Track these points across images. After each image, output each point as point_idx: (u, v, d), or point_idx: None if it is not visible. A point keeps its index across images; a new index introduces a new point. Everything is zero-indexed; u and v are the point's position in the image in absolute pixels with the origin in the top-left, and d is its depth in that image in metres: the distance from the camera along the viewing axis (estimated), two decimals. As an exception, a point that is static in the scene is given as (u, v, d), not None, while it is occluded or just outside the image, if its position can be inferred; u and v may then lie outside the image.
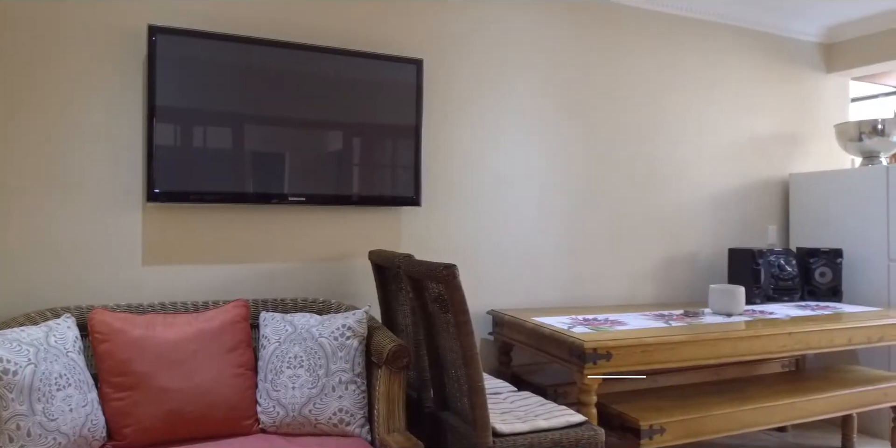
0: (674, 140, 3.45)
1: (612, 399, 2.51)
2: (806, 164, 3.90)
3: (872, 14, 3.70)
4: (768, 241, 3.72)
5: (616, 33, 3.29)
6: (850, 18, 3.79)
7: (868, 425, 3.18)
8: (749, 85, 3.71)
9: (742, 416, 2.45)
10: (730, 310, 2.77)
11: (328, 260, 2.62)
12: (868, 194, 3.25)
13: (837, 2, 3.51)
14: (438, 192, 2.84)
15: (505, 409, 2.16)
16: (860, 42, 3.91)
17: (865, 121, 3.46)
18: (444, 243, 2.84)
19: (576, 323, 2.52)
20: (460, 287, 1.88)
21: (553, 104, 3.13)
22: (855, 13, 3.70)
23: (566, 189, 3.16)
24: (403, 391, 2.04)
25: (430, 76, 2.81)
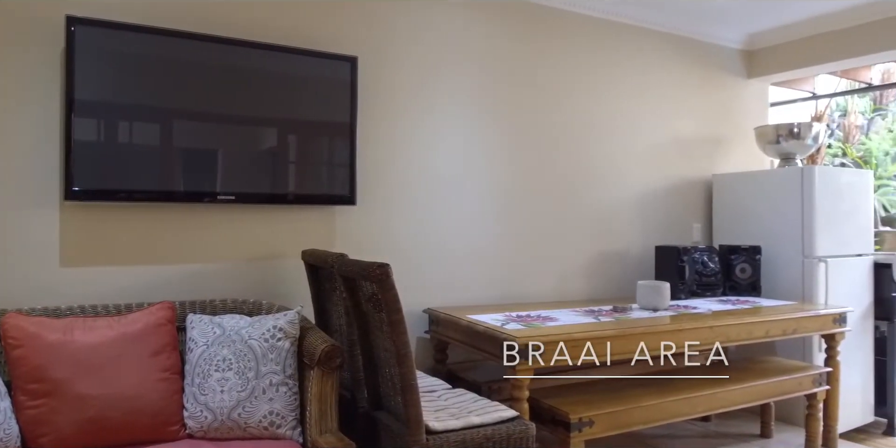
0: (604, 141, 3.55)
1: (545, 394, 2.56)
2: (728, 165, 4.08)
3: (790, 23, 3.91)
4: (693, 238, 3.88)
5: (549, 36, 3.36)
6: (770, 27, 3.99)
7: (785, 413, 3.36)
8: (675, 88, 3.86)
9: (667, 407, 2.55)
10: (656, 305, 2.87)
11: (260, 260, 2.57)
12: (785, 194, 3.43)
13: (757, 11, 3.69)
14: (374, 191, 2.83)
15: (439, 406, 2.18)
16: (779, 49, 4.12)
17: (783, 124, 3.65)
18: (379, 242, 2.83)
19: (509, 320, 2.56)
20: (393, 286, 1.88)
21: (488, 104, 3.16)
22: (773, 22, 3.90)
23: (501, 188, 3.20)
24: (336, 392, 2.02)
25: (365, 74, 2.80)
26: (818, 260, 3.28)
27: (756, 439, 3.21)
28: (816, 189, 3.29)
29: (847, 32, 3.75)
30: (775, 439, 3.19)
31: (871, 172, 3.74)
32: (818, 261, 3.28)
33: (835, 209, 3.37)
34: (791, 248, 3.38)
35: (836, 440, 3.10)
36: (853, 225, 3.48)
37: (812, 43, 3.93)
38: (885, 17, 3.55)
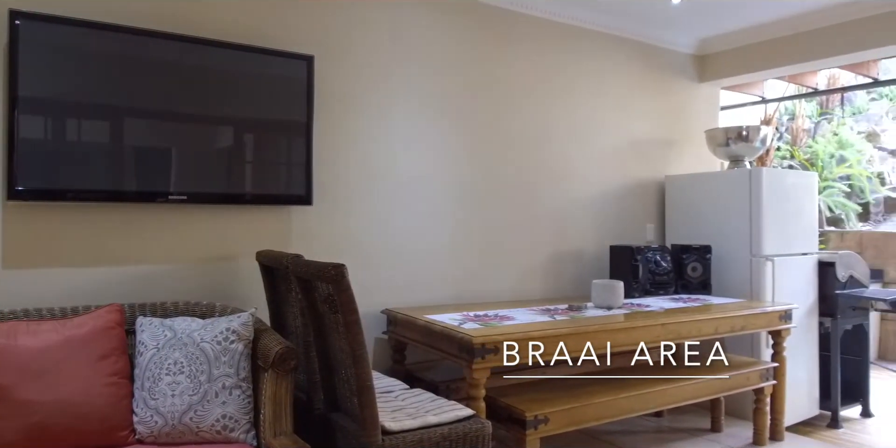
0: (560, 142, 3.60)
1: (502, 392, 2.59)
2: (680, 167, 4.19)
3: (739, 29, 4.03)
4: (647, 238, 3.96)
5: (507, 38, 3.39)
6: (720, 32, 4.11)
7: (734, 407, 3.46)
8: (629, 91, 3.94)
9: (621, 403, 2.60)
10: (610, 303, 2.92)
11: (214, 261, 2.53)
12: (734, 195, 3.54)
13: (707, 17, 3.79)
14: (331, 191, 2.81)
15: (396, 406, 2.18)
16: (729, 54, 4.24)
17: (732, 127, 3.77)
18: (336, 243, 2.82)
19: (467, 319, 2.58)
20: (349, 287, 1.88)
21: (447, 105, 3.18)
22: (723, 28, 4.01)
23: (459, 188, 3.22)
24: (291, 394, 2.01)
25: (322, 73, 2.78)
26: (765, 259, 3.39)
27: (707, 433, 3.30)
28: (764, 190, 3.41)
29: (794, 39, 3.89)
30: (725, 433, 3.29)
31: (815, 174, 3.88)
32: (765, 260, 3.39)
33: (781, 209, 3.49)
34: (740, 248, 3.49)
35: (782, 433, 3.22)
36: (799, 225, 3.60)
37: (760, 48, 4.06)
38: (830, 24, 3.70)
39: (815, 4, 3.58)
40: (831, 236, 5.63)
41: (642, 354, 3.33)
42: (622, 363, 3.24)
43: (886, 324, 5.22)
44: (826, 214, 6.07)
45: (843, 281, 3.61)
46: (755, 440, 3.14)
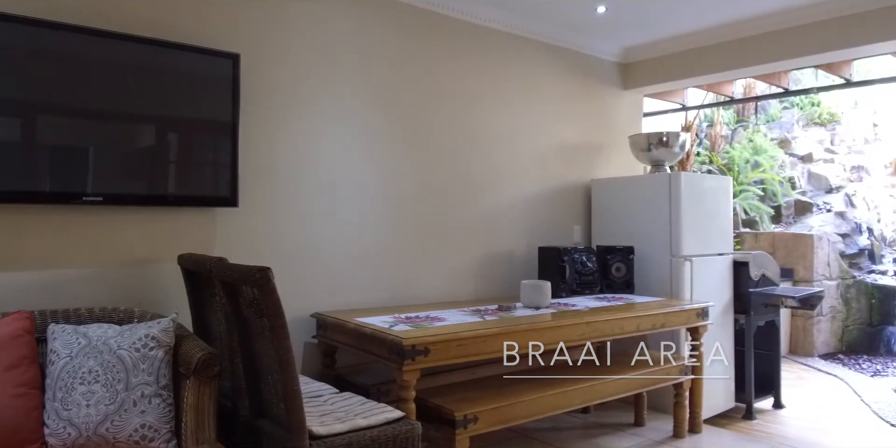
0: (490, 145, 3.66)
1: (432, 393, 2.60)
2: (606, 171, 4.33)
3: (660, 39, 4.21)
4: (574, 239, 4.08)
5: (438, 42, 3.42)
6: (642, 42, 4.27)
7: (656, 402, 3.59)
8: (557, 97, 4.04)
9: (548, 400, 2.67)
10: (538, 303, 2.99)
11: (133, 265, 2.44)
12: (655, 198, 3.68)
13: (630, 27, 3.94)
14: (258, 192, 2.76)
15: (325, 410, 2.16)
16: (651, 63, 4.42)
17: (653, 133, 3.93)
18: (263, 245, 2.76)
19: (398, 321, 2.58)
20: (275, 290, 1.85)
21: (377, 107, 3.18)
22: (645, 38, 4.18)
23: (390, 190, 3.22)
24: (215, 401, 1.96)
25: (250, 72, 2.72)
26: (684, 259, 3.55)
27: (630, 428, 3.42)
28: (682, 193, 3.56)
29: (711, 50, 4.09)
30: (647, 427, 3.42)
31: (730, 178, 4.09)
32: (684, 260, 3.55)
33: (699, 212, 3.66)
34: (660, 248, 3.63)
35: (700, 425, 3.37)
36: (715, 226, 3.79)
37: (680, 58, 4.25)
38: (744, 36, 3.91)
39: (730, 17, 3.78)
40: (746, 237, 5.94)
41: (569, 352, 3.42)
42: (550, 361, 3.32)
43: (796, 320, 5.55)
44: (742, 217, 6.40)
45: (756, 280, 3.81)
46: (675, 433, 3.28)
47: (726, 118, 7.69)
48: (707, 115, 7.38)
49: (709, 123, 7.35)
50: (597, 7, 3.58)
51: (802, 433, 3.41)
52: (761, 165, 6.80)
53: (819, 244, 5.60)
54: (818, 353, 5.49)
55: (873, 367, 5.16)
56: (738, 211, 6.33)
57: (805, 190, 7.15)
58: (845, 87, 5.10)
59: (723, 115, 7.54)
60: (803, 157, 7.50)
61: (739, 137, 7.51)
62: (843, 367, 5.14)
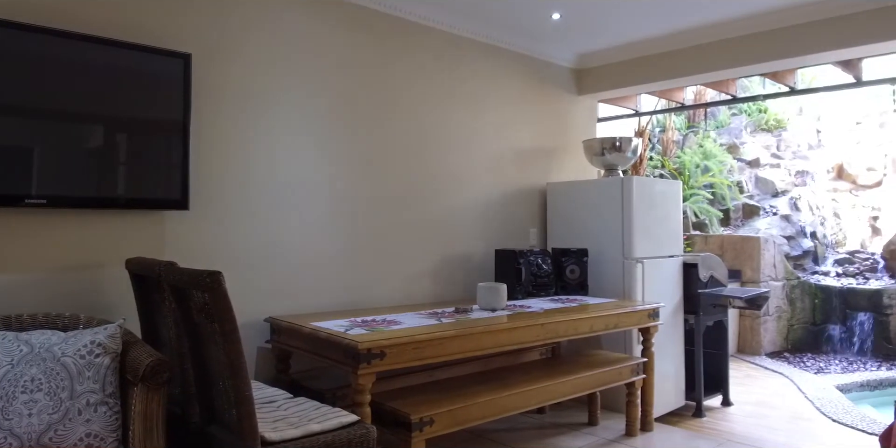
0: (448, 149, 3.68)
1: (389, 396, 2.60)
2: (561, 175, 4.40)
3: (613, 46, 4.30)
4: (530, 242, 4.13)
5: (395, 45, 3.43)
6: (596, 49, 4.36)
7: (609, 401, 3.67)
8: (513, 101, 4.09)
9: (503, 401, 2.69)
10: (494, 305, 3.02)
11: (79, 270, 2.37)
12: (608, 201, 3.76)
13: (584, 34, 4.02)
14: (210, 195, 2.71)
15: (279, 416, 2.13)
16: (604, 69, 4.51)
17: (607, 138, 4.01)
18: (214, 249, 2.71)
19: (354, 325, 2.57)
20: (226, 295, 1.83)
21: (334, 109, 3.16)
22: (599, 45, 4.27)
23: (347, 194, 3.21)
24: (163, 408, 1.92)
25: (203, 72, 2.67)
26: (636, 261, 3.63)
27: (585, 427, 3.48)
28: (634, 197, 3.65)
29: (663, 57, 4.20)
30: (601, 426, 3.48)
31: (680, 183, 4.20)
32: (636, 262, 3.63)
33: (650, 215, 3.76)
34: (613, 251, 3.71)
35: (652, 423, 3.45)
36: (666, 229, 3.89)
37: (633, 65, 4.35)
38: (694, 45, 4.02)
39: (681, 26, 3.89)
40: (696, 240, 6.11)
41: (525, 353, 3.47)
42: (506, 363, 3.36)
43: (744, 320, 5.73)
44: (692, 219, 6.58)
45: (705, 281, 3.93)
46: (627, 431, 3.34)
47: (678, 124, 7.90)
48: (659, 121, 7.56)
49: (661, 129, 7.53)
50: (552, 14, 3.64)
51: (749, 430, 3.52)
52: (711, 170, 7.00)
53: (765, 246, 5.79)
54: (765, 352, 5.67)
55: (817, 364, 5.36)
56: (688, 214, 6.51)
57: (752, 194, 7.39)
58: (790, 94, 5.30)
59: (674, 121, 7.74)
60: (751, 162, 7.75)
61: (690, 143, 7.72)
62: (788, 365, 5.33)
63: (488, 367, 3.24)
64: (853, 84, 4.56)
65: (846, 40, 3.48)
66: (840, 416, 3.75)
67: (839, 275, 6.43)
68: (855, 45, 3.49)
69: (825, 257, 6.89)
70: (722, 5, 3.54)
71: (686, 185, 6.74)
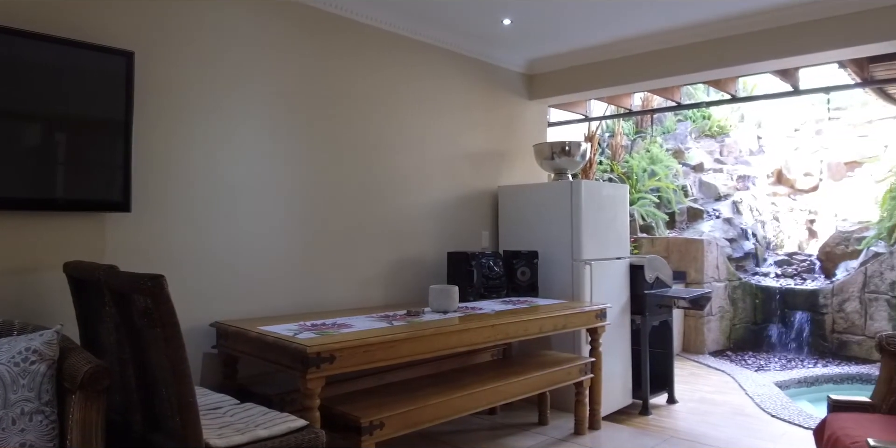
0: (400, 152, 3.68)
1: (339, 400, 2.58)
2: (512, 178, 4.46)
3: (563, 53, 4.38)
4: (482, 244, 4.16)
5: (347, 47, 3.41)
6: (547, 55, 4.43)
7: (559, 401, 3.72)
8: (466, 105, 4.13)
9: (454, 403, 2.71)
10: (446, 307, 3.03)
11: (13, 274, 2.27)
12: (557, 204, 3.82)
13: (535, 40, 4.08)
14: (153, 196, 2.64)
15: (224, 422, 2.09)
16: (554, 75, 4.59)
17: (556, 142, 4.08)
18: (158, 252, 2.64)
19: (303, 329, 2.54)
20: (169, 299, 1.79)
21: (284, 110, 3.12)
22: (550, 51, 4.34)
23: (297, 196, 3.17)
24: (103, 416, 1.85)
25: (147, 70, 2.60)
26: (584, 263, 3.70)
27: (535, 427, 3.52)
28: (583, 200, 3.72)
29: (611, 64, 4.30)
30: (551, 425, 3.53)
31: (627, 186, 4.31)
32: (584, 263, 3.70)
33: (598, 218, 3.84)
34: (563, 253, 3.78)
35: (600, 422, 3.52)
36: (613, 232, 3.98)
37: (582, 72, 4.44)
38: (641, 52, 4.13)
39: (628, 34, 3.99)
40: (643, 242, 6.27)
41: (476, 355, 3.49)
42: (458, 364, 3.37)
43: (688, 320, 5.90)
44: (639, 222, 6.75)
45: (651, 282, 4.04)
46: (576, 430, 3.41)
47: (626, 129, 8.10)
48: (609, 126, 7.73)
49: (610, 134, 7.70)
50: (502, 19, 3.69)
51: (693, 426, 3.63)
52: (657, 174, 7.20)
53: (709, 248, 5.99)
54: (708, 351, 5.86)
55: (757, 362, 5.57)
56: (635, 217, 6.67)
57: (697, 198, 7.63)
58: (732, 102, 5.51)
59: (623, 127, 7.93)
60: (695, 167, 8.00)
61: (638, 148, 7.92)
62: (730, 363, 5.52)
63: (440, 370, 3.25)
64: (790, 93, 4.78)
65: (783, 50, 3.64)
66: (778, 412, 3.90)
67: (778, 276, 6.69)
68: (792, 56, 3.64)
69: (765, 259, 7.16)
70: (667, 15, 3.65)
71: (634, 189, 6.91)
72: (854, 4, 3.34)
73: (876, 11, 3.30)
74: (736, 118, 9.00)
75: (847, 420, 2.33)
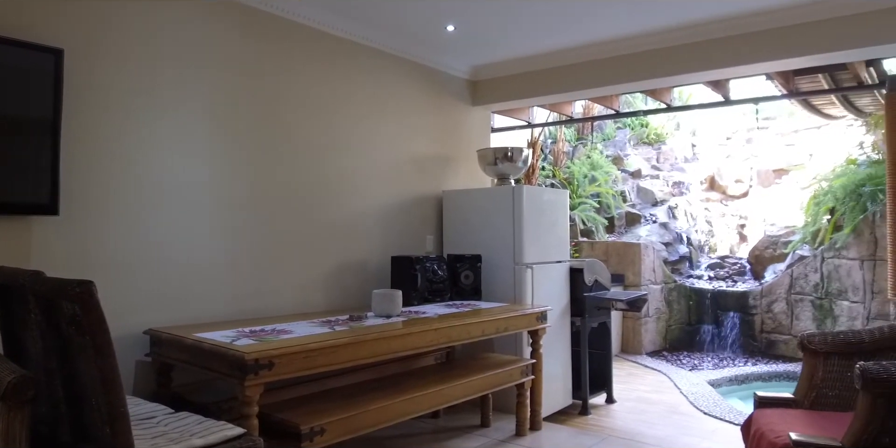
0: (344, 156, 3.66)
1: (279, 407, 2.54)
2: (456, 183, 4.49)
3: (505, 60, 4.45)
4: (427, 248, 4.18)
5: (288, 47, 3.37)
6: (490, 61, 4.50)
7: (501, 403, 3.77)
8: (409, 110, 4.14)
9: (396, 407, 2.70)
10: (389, 312, 3.03)
11: (-73, 281, 2.15)
12: (499, 209, 3.88)
13: (478, 46, 4.14)
14: (84, 199, 2.54)
15: (158, 432, 2.03)
16: (497, 82, 4.66)
17: (499, 148, 4.14)
18: (89, 257, 2.55)
19: (241, 335, 2.49)
20: (98, 306, 1.72)
21: (222, 110, 3.06)
22: (493, 57, 4.40)
23: (237, 199, 3.11)
24: (27, 428, 1.77)
25: (77, 69, 2.51)
26: (526, 266, 3.77)
27: (477, 429, 3.56)
28: (524, 205, 3.79)
29: (552, 72, 4.39)
30: (493, 427, 3.57)
31: (567, 191, 4.41)
32: (526, 267, 3.76)
33: (539, 222, 3.91)
34: (505, 256, 3.83)
35: (540, 423, 3.58)
36: (554, 236, 4.06)
37: (524, 78, 4.52)
38: (581, 61, 4.24)
39: (568, 43, 4.09)
40: (584, 246, 6.41)
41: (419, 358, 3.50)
42: (401, 369, 3.37)
43: (627, 321, 6.07)
44: (580, 227, 6.91)
45: (590, 285, 4.13)
46: (517, 431, 3.45)
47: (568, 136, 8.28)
48: (551, 133, 7.88)
49: (553, 140, 7.85)
50: (446, 26, 3.72)
51: (630, 425, 3.74)
52: (597, 180, 7.39)
53: (646, 252, 6.18)
54: (646, 351, 6.04)
55: (692, 362, 5.77)
56: (576, 221, 6.83)
57: (635, 203, 7.87)
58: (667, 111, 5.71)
59: (565, 133, 8.10)
60: (633, 173, 8.25)
61: (579, 154, 8.10)
62: (666, 363, 5.70)
63: (384, 374, 3.24)
64: (722, 103, 4.98)
65: (714, 62, 3.80)
66: (711, 409, 4.06)
67: (711, 278, 6.96)
68: (722, 67, 3.81)
69: (699, 262, 7.44)
70: (606, 27, 3.77)
71: (575, 194, 7.07)
72: (779, 20, 3.53)
73: (799, 27, 3.50)
74: (672, 126, 9.34)
75: (771, 415, 2.45)
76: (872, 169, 5.44)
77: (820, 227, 5.87)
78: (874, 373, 1.92)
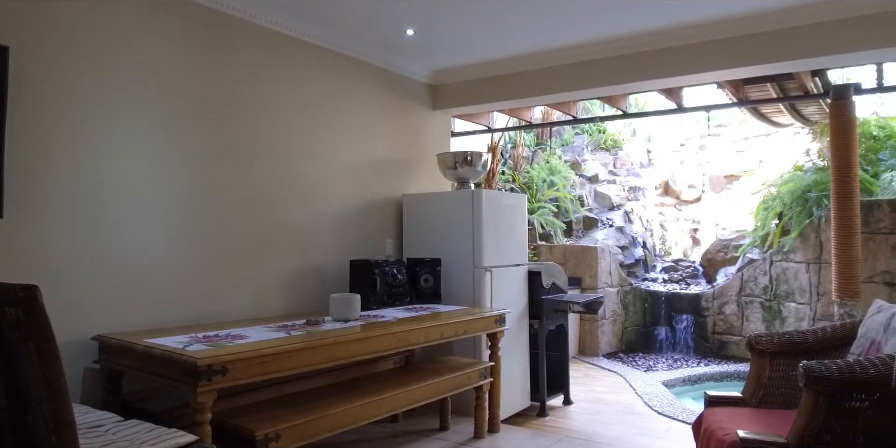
0: (302, 159, 3.63)
1: (234, 413, 2.50)
2: (416, 186, 4.50)
3: (465, 65, 4.48)
4: (386, 252, 4.17)
5: (242, 48, 3.33)
6: (450, 66, 4.52)
7: (459, 406, 3.78)
8: (369, 113, 4.13)
9: (354, 412, 2.69)
10: (347, 316, 3.01)
11: None
12: (459, 213, 3.90)
13: (438, 51, 4.15)
14: (30, 201, 2.46)
15: (106, 441, 1.98)
16: (457, 87, 4.69)
17: (459, 152, 4.16)
18: (34, 262, 2.46)
19: (194, 341, 2.44)
20: (43, 311, 1.67)
21: (176, 112, 3.00)
22: (452, 62, 4.43)
23: (192, 200, 3.05)
24: (-35, 439, 1.71)
25: (23, 67, 2.43)
26: (485, 269, 3.79)
27: (436, 432, 3.56)
28: (483, 209, 3.81)
29: (511, 78, 4.44)
30: (451, 430, 3.58)
31: (526, 196, 4.46)
32: (485, 270, 3.79)
33: (498, 226, 3.94)
34: (464, 260, 3.85)
35: (499, 425, 3.60)
36: (513, 239, 4.10)
37: (484, 84, 4.56)
38: (540, 67, 4.30)
39: (527, 49, 4.15)
40: (542, 249, 6.49)
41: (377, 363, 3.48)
42: (360, 373, 3.35)
43: (584, 323, 6.16)
44: (539, 231, 6.99)
45: (548, 288, 4.19)
46: (476, 434, 3.47)
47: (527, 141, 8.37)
48: (511, 138, 7.96)
49: (512, 145, 7.93)
50: (406, 30, 3.73)
51: (587, 426, 3.79)
52: (556, 185, 7.49)
53: (602, 255, 6.29)
54: (602, 353, 6.14)
55: (647, 363, 5.89)
56: (535, 225, 6.90)
57: (592, 207, 8.00)
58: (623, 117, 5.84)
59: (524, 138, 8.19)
60: (591, 178, 8.39)
61: (538, 159, 8.20)
62: (622, 364, 5.80)
63: (342, 379, 3.22)
64: (675, 110, 5.12)
65: (668, 71, 3.90)
66: (665, 409, 4.15)
67: (665, 281, 7.13)
68: (675, 75, 3.91)
69: (654, 265, 7.61)
70: (564, 33, 3.83)
71: (534, 199, 7.15)
72: (728, 31, 3.65)
73: (748, 37, 3.62)
74: (629, 133, 9.54)
75: (721, 414, 2.52)
76: (818, 175, 5.66)
77: (769, 231, 6.07)
78: (817, 371, 2.00)
